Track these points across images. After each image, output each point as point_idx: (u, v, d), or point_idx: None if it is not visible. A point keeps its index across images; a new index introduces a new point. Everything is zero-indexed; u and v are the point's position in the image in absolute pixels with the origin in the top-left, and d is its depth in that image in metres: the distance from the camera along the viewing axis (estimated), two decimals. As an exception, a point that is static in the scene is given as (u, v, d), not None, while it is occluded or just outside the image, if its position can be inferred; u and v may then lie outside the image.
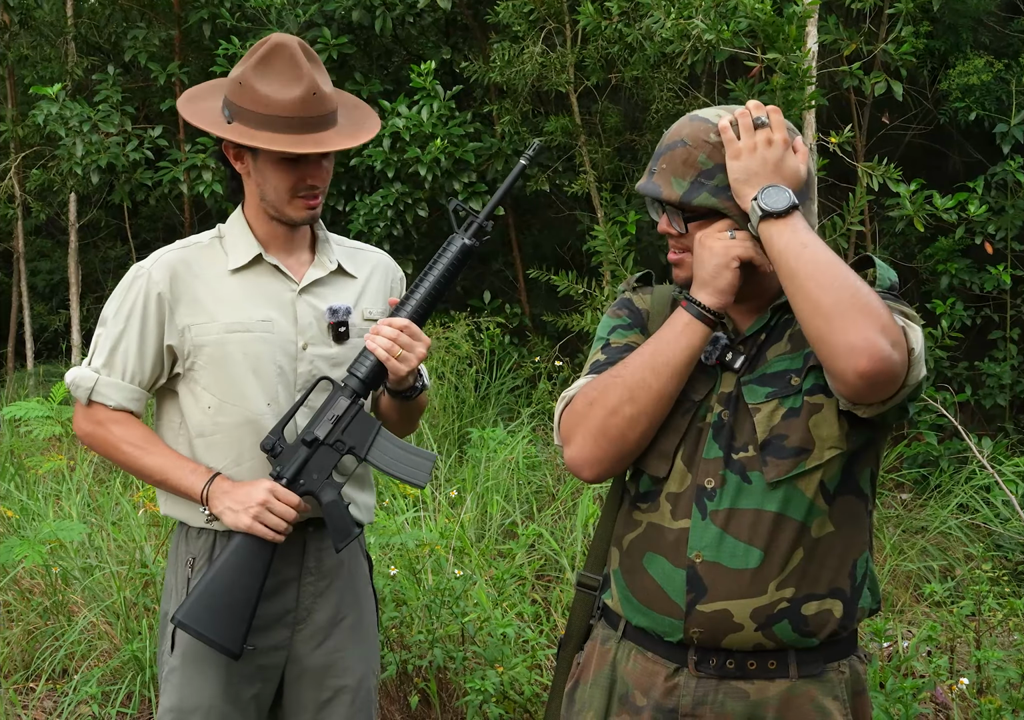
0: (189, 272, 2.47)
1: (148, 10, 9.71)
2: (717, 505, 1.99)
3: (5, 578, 4.72)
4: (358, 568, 2.64)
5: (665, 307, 2.20)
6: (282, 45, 2.40)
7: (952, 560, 5.30)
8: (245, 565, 2.38)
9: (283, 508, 2.36)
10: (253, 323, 2.45)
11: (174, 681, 2.48)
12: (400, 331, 2.38)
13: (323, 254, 2.58)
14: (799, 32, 5.72)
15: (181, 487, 2.42)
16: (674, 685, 2.05)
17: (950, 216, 6.15)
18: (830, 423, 1.96)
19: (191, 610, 2.36)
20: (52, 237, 12.89)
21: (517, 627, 3.88)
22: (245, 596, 2.38)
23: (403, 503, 5.07)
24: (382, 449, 2.47)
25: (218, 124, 2.43)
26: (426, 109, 7.54)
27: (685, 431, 2.05)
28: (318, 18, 7.96)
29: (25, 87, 10.01)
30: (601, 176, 7.62)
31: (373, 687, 2.64)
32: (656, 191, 2.02)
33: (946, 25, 7.39)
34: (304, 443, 2.42)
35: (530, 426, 6.63)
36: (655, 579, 2.04)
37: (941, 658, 3.82)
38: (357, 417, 2.44)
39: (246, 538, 2.37)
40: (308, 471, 2.42)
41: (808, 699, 2.01)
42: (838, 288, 1.83)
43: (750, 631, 1.98)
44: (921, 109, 7.79)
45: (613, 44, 6.70)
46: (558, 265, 7.79)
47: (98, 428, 2.48)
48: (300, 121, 2.37)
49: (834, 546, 2.01)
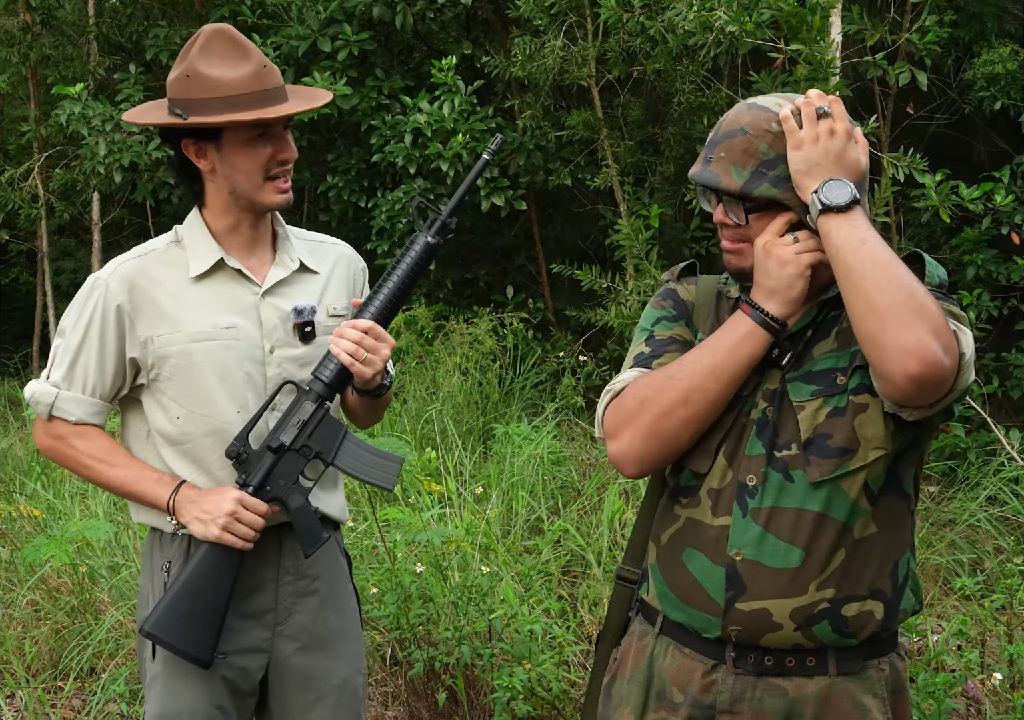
0: (148, 281, 2.40)
1: (169, 8, 9.74)
2: (759, 503, 1.97)
3: (33, 577, 4.74)
4: (337, 567, 2.61)
5: (710, 299, 2.17)
6: (218, 30, 2.37)
7: (981, 553, 5.26)
8: (213, 573, 2.36)
9: (251, 517, 2.34)
10: (217, 331, 2.40)
11: (157, 688, 2.46)
12: (364, 333, 2.34)
13: (284, 252, 2.51)
14: (823, 22, 5.68)
15: (147, 498, 2.40)
16: (712, 681, 2.03)
17: (976, 206, 6.10)
18: (876, 423, 1.93)
19: (160, 620, 2.34)
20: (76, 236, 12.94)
21: (544, 623, 3.87)
22: (214, 604, 2.36)
23: (428, 500, 5.06)
24: (349, 453, 2.45)
25: (174, 121, 2.35)
26: (447, 104, 7.52)
27: (729, 427, 2.03)
28: (339, 14, 7.95)
29: (48, 87, 10.04)
30: (624, 170, 7.60)
31: (360, 686, 2.61)
32: (714, 180, 1.97)
33: (970, 14, 7.33)
34: (270, 449, 2.38)
35: (554, 421, 6.61)
36: (694, 575, 2.02)
37: (972, 652, 3.79)
38: (323, 421, 2.41)
39: (213, 547, 2.35)
40: (275, 477, 2.39)
41: (847, 696, 1.99)
42: (894, 288, 1.80)
43: (789, 631, 1.96)
44: (946, 99, 7.73)
45: (635, 37, 6.66)
46: (581, 259, 7.76)
47: (59, 443, 2.45)
48: (258, 96, 2.32)
49: (876, 547, 1.98)
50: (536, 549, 4.76)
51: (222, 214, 2.45)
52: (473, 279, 9.37)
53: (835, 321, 2.01)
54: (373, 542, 4.75)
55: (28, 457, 6.86)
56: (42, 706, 4.13)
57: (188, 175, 2.45)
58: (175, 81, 2.35)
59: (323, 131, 8.72)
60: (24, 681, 4.26)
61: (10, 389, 9.50)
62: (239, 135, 2.33)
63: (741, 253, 2.03)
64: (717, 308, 2.17)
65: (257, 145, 2.35)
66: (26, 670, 4.35)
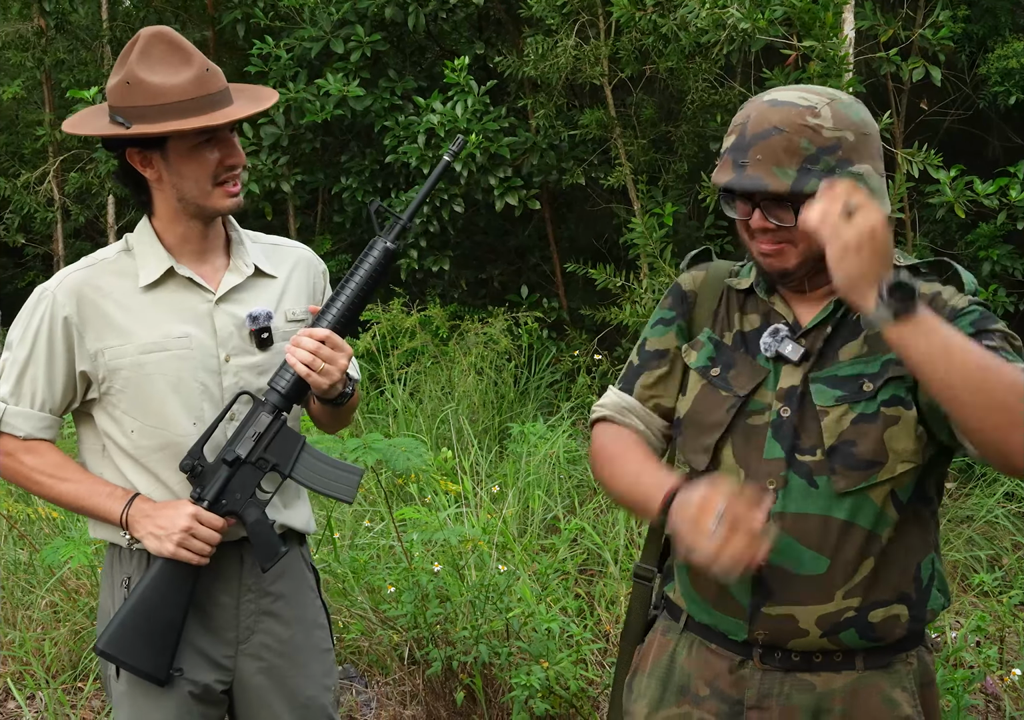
0: (97, 293, 2.34)
1: (182, 11, 9.78)
2: (782, 508, 1.94)
3: (52, 579, 4.76)
4: (302, 582, 2.54)
5: (718, 289, 2.14)
6: (156, 34, 2.27)
7: (999, 549, 5.24)
8: (168, 589, 2.31)
9: (207, 533, 2.28)
10: (169, 341, 2.33)
11: (124, 708, 2.41)
12: (321, 343, 2.27)
13: (238, 257, 2.44)
14: (835, 19, 5.67)
15: (99, 513, 2.35)
16: (739, 677, 2.03)
17: (991, 202, 6.08)
18: (908, 436, 1.91)
19: (112, 638, 2.30)
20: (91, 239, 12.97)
21: (561, 622, 3.87)
22: (169, 620, 2.31)
23: (445, 499, 5.07)
24: (307, 465, 2.39)
25: (114, 130, 2.27)
26: (460, 105, 7.53)
27: (729, 427, 2.01)
28: (351, 16, 7.96)
29: (62, 91, 10.07)
30: (637, 168, 7.59)
31: (330, 703, 2.55)
32: (760, 184, 1.88)
33: (984, 8, 7.31)
34: (225, 462, 2.32)
35: (570, 420, 6.61)
36: (718, 580, 1.97)
37: (991, 648, 3.79)
38: (280, 433, 2.35)
39: (168, 562, 2.30)
40: (231, 491, 2.33)
41: (876, 691, 1.98)
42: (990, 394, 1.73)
43: (815, 637, 1.95)
44: (960, 94, 7.71)
45: (647, 35, 6.65)
46: (595, 258, 7.76)
47: (8, 459, 2.37)
48: (202, 101, 2.24)
49: (900, 552, 1.96)
50: (553, 548, 4.76)
51: (172, 222, 2.38)
52: (487, 279, 9.37)
53: None
54: (390, 542, 4.75)
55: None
56: (62, 707, 4.15)
57: (134, 184, 2.38)
58: (115, 88, 2.27)
59: (336, 133, 8.73)
60: (44, 682, 4.27)
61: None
62: (184, 142, 2.26)
63: (783, 254, 1.95)
64: (724, 301, 2.14)
65: (204, 151, 2.28)
66: (46, 671, 4.37)
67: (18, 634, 4.56)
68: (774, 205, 1.92)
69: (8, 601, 4.84)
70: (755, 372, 2.02)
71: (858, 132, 1.92)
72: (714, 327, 2.12)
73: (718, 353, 2.08)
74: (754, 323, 2.07)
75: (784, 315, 2.03)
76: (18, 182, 10.15)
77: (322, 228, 9.02)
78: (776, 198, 1.91)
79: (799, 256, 1.94)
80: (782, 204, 1.91)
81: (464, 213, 7.99)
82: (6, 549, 5.24)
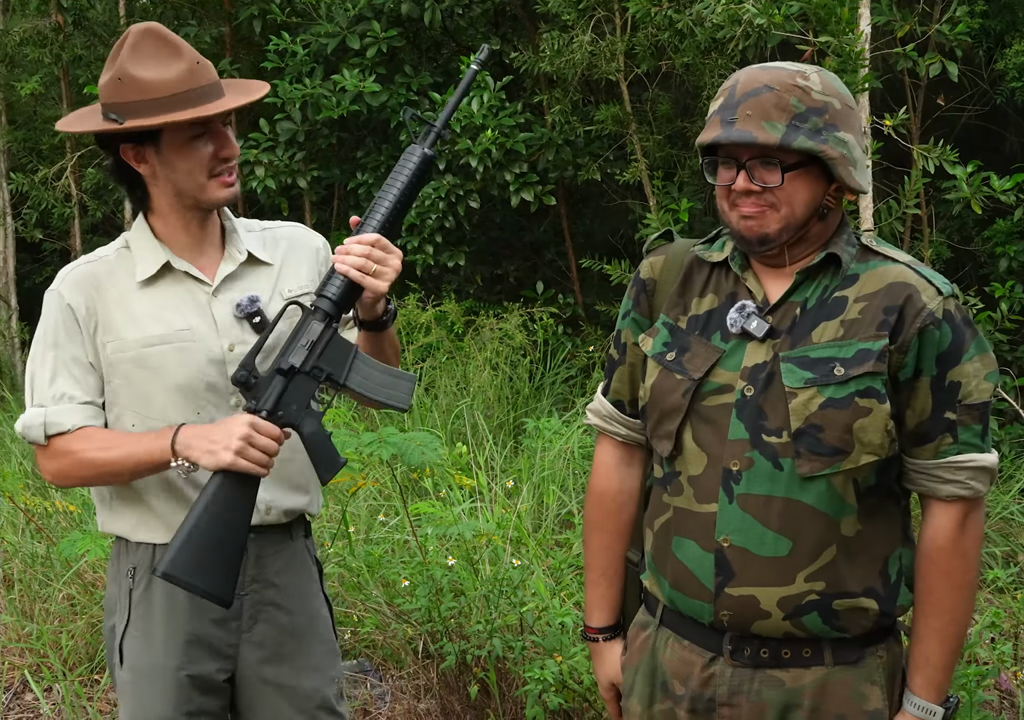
0: (97, 288, 2.34)
1: (199, 7, 9.80)
2: (745, 489, 1.96)
3: (69, 572, 4.78)
4: (306, 574, 2.53)
5: (677, 270, 2.14)
6: (146, 29, 2.26)
7: (1015, 546, 5.23)
8: (229, 506, 2.20)
9: (265, 441, 2.19)
10: (171, 334, 2.33)
11: (127, 696, 2.41)
12: (371, 246, 2.22)
13: (232, 245, 2.43)
14: (851, 14, 5.65)
15: (153, 456, 2.24)
16: (710, 675, 2.05)
17: (1008, 197, 6.05)
18: (877, 430, 1.91)
19: (176, 560, 2.15)
20: (108, 235, 13.01)
21: (575, 616, 3.87)
22: (232, 539, 2.20)
23: (460, 494, 5.08)
24: (361, 373, 2.29)
25: (107, 126, 2.26)
26: (476, 100, 7.54)
27: (687, 411, 2.02)
28: (367, 12, 7.98)
29: (80, 87, 10.12)
30: (653, 164, 7.59)
31: (333, 695, 2.54)
32: (748, 137, 1.88)
33: (1002, 4, 7.28)
34: (279, 372, 2.25)
35: (584, 416, 6.61)
36: (684, 562, 2.03)
37: (1005, 645, 3.78)
38: (332, 341, 2.27)
39: (226, 478, 2.19)
40: (286, 402, 2.25)
41: (845, 686, 2.00)
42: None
43: (778, 620, 1.97)
44: (977, 90, 7.68)
45: (663, 31, 6.66)
46: (610, 254, 7.76)
47: (65, 459, 2.31)
48: (194, 93, 2.23)
49: (865, 545, 1.97)
50: (567, 543, 4.76)
51: (167, 216, 2.38)
52: (503, 274, 9.38)
53: (841, 305, 1.96)
54: (405, 536, 4.77)
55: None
56: (79, 699, 4.17)
57: (129, 181, 2.37)
58: (107, 85, 2.27)
59: (352, 128, 8.75)
60: (61, 674, 4.30)
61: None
62: (178, 136, 2.25)
63: (764, 217, 1.94)
64: (688, 275, 2.13)
65: (197, 144, 2.27)
66: (63, 663, 4.39)
67: (35, 627, 4.59)
68: (759, 165, 1.92)
69: (25, 594, 4.87)
70: (709, 353, 2.02)
71: (844, 102, 1.94)
72: (669, 312, 2.12)
73: (673, 337, 2.09)
74: (713, 303, 2.07)
75: (754, 291, 2.03)
76: (36, 178, 10.18)
77: (338, 223, 9.03)
78: (763, 158, 1.91)
79: (780, 221, 1.94)
80: (768, 164, 1.92)
81: (480, 209, 8.00)
82: (23, 542, 5.27)
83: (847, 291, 1.96)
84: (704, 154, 2.02)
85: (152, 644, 2.39)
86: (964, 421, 1.95)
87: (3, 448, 7.27)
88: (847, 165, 1.92)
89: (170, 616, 2.39)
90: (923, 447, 1.96)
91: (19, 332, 11.09)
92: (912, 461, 1.98)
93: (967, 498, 1.95)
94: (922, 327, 1.90)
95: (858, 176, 1.94)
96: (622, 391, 2.25)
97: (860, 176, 1.95)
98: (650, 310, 2.17)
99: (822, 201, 1.96)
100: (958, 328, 1.93)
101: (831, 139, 1.90)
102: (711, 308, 2.07)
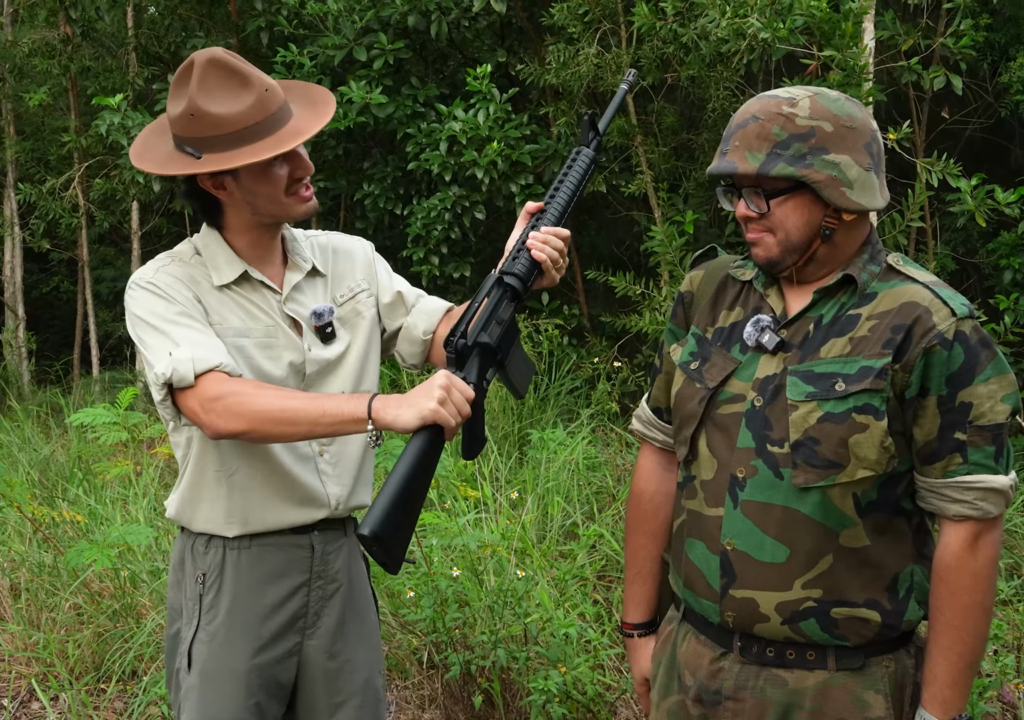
0: (191, 280, 2.38)
1: (206, 19, 9.84)
2: (749, 495, 2.03)
3: (76, 582, 4.80)
4: (359, 570, 2.61)
5: (713, 284, 2.22)
6: (209, 60, 2.26)
7: (1018, 558, 5.23)
8: (425, 466, 2.13)
9: (460, 398, 2.13)
10: (261, 328, 2.40)
11: (193, 699, 2.44)
12: (564, 242, 2.34)
13: (295, 254, 2.50)
14: (856, 28, 5.68)
15: (344, 414, 2.13)
16: (719, 668, 2.11)
17: (1012, 210, 6.08)
18: (872, 446, 1.94)
19: (384, 519, 2.03)
20: (115, 245, 13.08)
21: (579, 627, 3.89)
22: (420, 502, 2.14)
23: (464, 505, 5.09)
24: (514, 357, 2.33)
25: (189, 164, 2.28)
26: (482, 112, 7.57)
27: (702, 418, 2.10)
28: (374, 24, 8.01)
29: (88, 98, 10.17)
30: (658, 176, 7.61)
31: (381, 686, 2.62)
32: (731, 167, 1.98)
33: (1006, 17, 7.30)
34: (479, 346, 2.23)
35: (589, 427, 6.63)
36: (695, 562, 2.11)
37: (1007, 657, 3.78)
38: (512, 322, 2.30)
39: (424, 435, 2.12)
40: (468, 375, 2.23)
41: (847, 691, 2.03)
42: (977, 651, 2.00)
43: (776, 624, 2.02)
44: (982, 103, 7.71)
45: (668, 44, 6.68)
46: (616, 266, 7.79)
47: (223, 400, 2.18)
48: (267, 123, 2.27)
49: (869, 558, 2.00)
50: (571, 554, 4.78)
51: (243, 232, 2.43)
52: (508, 286, 9.37)
53: (853, 322, 2.00)
54: (410, 547, 4.78)
55: (70, 463, 6.95)
56: (85, 708, 4.19)
57: (204, 204, 2.41)
58: (180, 119, 2.28)
59: (359, 139, 8.78)
60: (67, 683, 4.32)
61: (52, 396, 9.61)
62: (256, 164, 2.27)
63: (764, 243, 2.02)
64: (721, 289, 2.20)
65: (274, 170, 2.32)
66: (69, 673, 4.41)
67: (42, 636, 4.60)
68: (751, 193, 2.00)
69: (32, 603, 4.89)
70: (726, 364, 2.10)
71: (838, 124, 1.96)
72: (699, 323, 2.21)
73: (699, 348, 2.17)
74: (739, 316, 2.14)
75: (774, 307, 2.09)
76: (44, 188, 10.24)
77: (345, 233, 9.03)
78: (753, 186, 1.99)
79: (779, 245, 2.01)
80: (756, 191, 1.99)
81: (485, 220, 8.03)
82: (31, 552, 5.28)
83: (862, 309, 2.00)
84: (718, 182, 2.11)
85: (223, 648, 2.43)
86: (975, 442, 1.95)
87: (11, 458, 7.29)
88: (837, 186, 1.95)
89: (242, 620, 2.44)
90: (932, 466, 1.98)
91: (26, 341, 11.13)
92: (922, 479, 2.00)
93: (976, 518, 1.96)
94: (928, 347, 1.92)
95: (856, 196, 1.96)
96: (660, 398, 2.34)
97: (860, 195, 1.97)
98: (685, 322, 2.26)
99: (821, 223, 1.99)
100: (972, 349, 1.93)
101: (817, 163, 1.94)
102: (736, 321, 2.15)
